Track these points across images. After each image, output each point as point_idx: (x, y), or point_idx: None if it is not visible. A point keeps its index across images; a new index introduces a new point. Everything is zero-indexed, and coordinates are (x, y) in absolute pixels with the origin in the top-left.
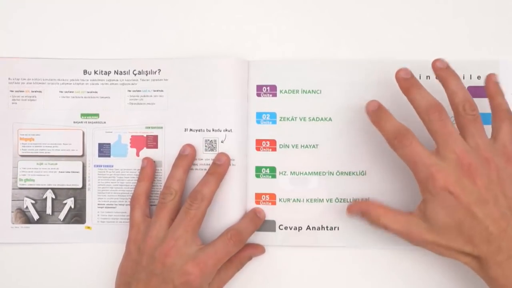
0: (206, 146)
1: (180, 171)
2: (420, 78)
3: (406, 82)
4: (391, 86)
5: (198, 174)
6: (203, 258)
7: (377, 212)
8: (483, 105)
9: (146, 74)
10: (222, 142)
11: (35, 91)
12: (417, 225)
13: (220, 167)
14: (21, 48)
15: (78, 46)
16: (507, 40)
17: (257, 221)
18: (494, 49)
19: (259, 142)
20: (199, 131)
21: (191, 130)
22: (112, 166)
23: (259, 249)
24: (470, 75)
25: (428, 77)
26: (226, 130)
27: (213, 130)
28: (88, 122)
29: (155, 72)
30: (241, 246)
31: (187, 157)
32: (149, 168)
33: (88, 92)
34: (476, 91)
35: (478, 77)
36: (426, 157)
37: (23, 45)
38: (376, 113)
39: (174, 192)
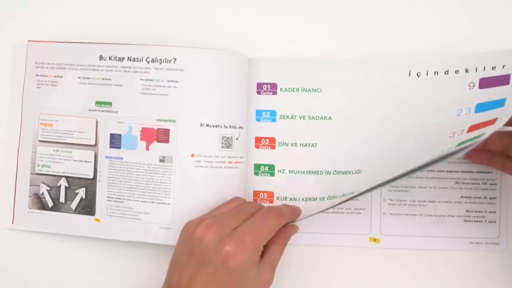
0: (222, 143)
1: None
2: (427, 74)
3: None
4: (391, 85)
5: (213, 172)
6: (241, 234)
7: None
8: (496, 92)
9: (160, 63)
10: (237, 139)
11: (57, 76)
12: None
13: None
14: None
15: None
16: None
17: (297, 212)
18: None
19: (258, 140)
20: (216, 127)
21: (207, 125)
22: (122, 158)
23: (295, 228)
24: (484, 67)
25: (436, 73)
26: (240, 127)
27: (230, 126)
28: (102, 111)
29: (170, 61)
30: (281, 220)
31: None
32: None
33: (103, 79)
34: (488, 81)
35: (493, 68)
36: None
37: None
38: None
39: (248, 214)
